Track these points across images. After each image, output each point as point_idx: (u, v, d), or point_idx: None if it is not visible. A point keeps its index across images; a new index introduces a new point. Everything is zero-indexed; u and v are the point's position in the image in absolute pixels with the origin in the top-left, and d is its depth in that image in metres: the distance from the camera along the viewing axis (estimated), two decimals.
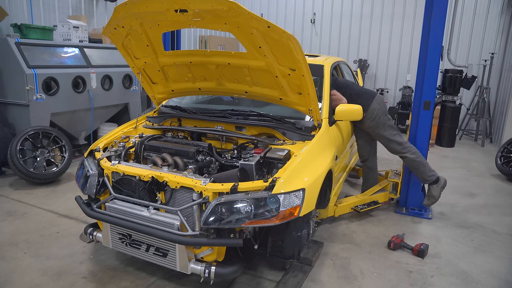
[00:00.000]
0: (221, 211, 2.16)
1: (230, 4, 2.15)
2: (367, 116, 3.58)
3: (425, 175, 3.69)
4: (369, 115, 3.58)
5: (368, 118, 3.60)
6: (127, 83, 6.06)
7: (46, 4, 6.16)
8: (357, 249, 3.26)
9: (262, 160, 2.50)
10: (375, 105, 3.61)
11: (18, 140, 4.37)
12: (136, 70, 3.13)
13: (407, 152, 3.63)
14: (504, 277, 2.93)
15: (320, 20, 9.51)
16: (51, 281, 2.69)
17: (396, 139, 3.64)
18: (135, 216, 2.39)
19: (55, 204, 3.99)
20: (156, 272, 2.80)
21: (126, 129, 3.18)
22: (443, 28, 3.54)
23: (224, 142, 2.99)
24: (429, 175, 3.68)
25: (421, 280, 2.84)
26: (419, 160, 3.65)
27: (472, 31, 8.16)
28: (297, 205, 2.22)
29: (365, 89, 3.87)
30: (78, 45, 5.49)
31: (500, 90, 7.79)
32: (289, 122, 2.87)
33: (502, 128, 6.97)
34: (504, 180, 5.30)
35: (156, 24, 2.63)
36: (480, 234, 3.63)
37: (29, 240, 3.25)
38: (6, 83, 4.78)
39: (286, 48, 2.39)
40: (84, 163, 2.78)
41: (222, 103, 3.79)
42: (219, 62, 2.83)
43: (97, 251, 3.07)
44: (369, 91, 3.79)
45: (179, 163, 2.59)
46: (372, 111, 3.58)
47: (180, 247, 2.27)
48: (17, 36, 4.75)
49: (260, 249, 2.45)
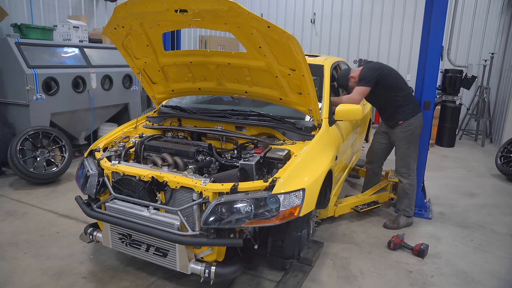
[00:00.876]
0: (221, 211, 2.16)
1: (230, 4, 2.15)
2: (402, 125, 3.51)
3: (406, 207, 3.67)
4: (405, 126, 3.50)
5: (403, 128, 3.51)
6: (127, 83, 6.06)
7: (46, 4, 6.16)
8: (357, 249, 3.26)
9: (262, 160, 2.50)
10: (417, 121, 3.52)
11: (18, 140, 4.37)
12: (136, 70, 3.13)
13: (407, 179, 3.61)
14: (504, 277, 2.93)
15: (320, 20, 9.51)
16: (51, 281, 2.69)
17: (409, 163, 3.59)
18: (135, 216, 2.39)
19: (55, 204, 3.99)
20: (156, 272, 2.80)
21: (126, 129, 3.18)
22: (443, 28, 3.54)
23: (224, 142, 2.99)
24: (409, 209, 3.69)
25: (421, 280, 2.84)
26: (411, 193, 3.65)
27: (472, 31, 8.16)
28: (297, 205, 2.22)
29: (415, 100, 3.65)
30: (78, 45, 5.49)
31: (500, 90, 7.79)
32: (289, 122, 2.87)
33: (502, 128, 6.97)
34: (504, 180, 5.30)
35: (156, 24, 2.63)
36: (480, 234, 3.63)
37: (29, 240, 3.25)
38: (6, 83, 4.78)
39: (286, 48, 2.39)
40: (84, 163, 2.78)
41: (222, 103, 3.79)
42: (219, 62, 2.83)
43: (97, 251, 3.07)
44: (417, 104, 3.64)
45: (179, 163, 2.59)
46: (411, 123, 3.49)
47: (180, 247, 2.27)
48: (17, 36, 4.75)
49: (260, 249, 2.45)
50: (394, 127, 3.59)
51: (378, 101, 3.72)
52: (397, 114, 3.52)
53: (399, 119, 3.52)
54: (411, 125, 3.50)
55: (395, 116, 3.54)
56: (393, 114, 3.56)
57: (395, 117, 3.55)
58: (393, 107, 3.53)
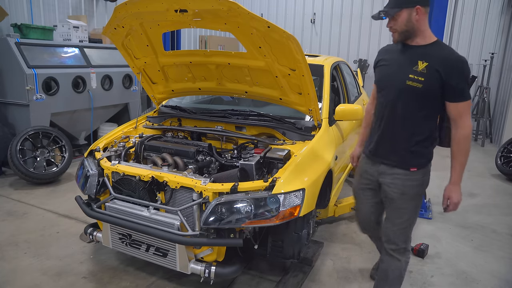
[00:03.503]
0: (221, 211, 2.16)
1: (230, 4, 2.15)
2: (416, 174, 2.10)
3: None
4: (419, 177, 2.11)
5: (415, 177, 2.10)
6: (127, 83, 6.06)
7: (46, 4, 6.16)
8: (357, 249, 3.25)
9: (262, 160, 2.50)
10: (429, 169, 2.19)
11: (18, 140, 4.37)
12: (136, 70, 3.13)
13: (404, 256, 2.23)
14: (504, 277, 2.93)
15: (320, 20, 9.51)
16: (51, 281, 2.69)
17: (409, 233, 2.25)
18: (135, 216, 2.39)
19: (55, 204, 3.99)
20: (156, 272, 2.80)
21: (126, 129, 3.18)
22: (443, 28, 3.54)
23: (224, 142, 2.99)
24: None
25: (421, 280, 2.84)
26: (404, 274, 2.29)
27: (472, 31, 8.16)
28: (297, 205, 2.22)
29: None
30: (78, 45, 5.49)
31: (500, 90, 7.79)
32: (289, 122, 2.87)
33: (502, 128, 6.97)
34: (504, 180, 5.30)
35: (156, 24, 2.63)
36: (480, 234, 3.63)
37: (29, 240, 3.25)
38: (6, 83, 4.78)
39: (286, 48, 2.39)
40: (84, 163, 2.78)
41: (222, 103, 3.79)
42: (219, 62, 2.83)
43: (97, 251, 3.07)
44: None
45: (179, 163, 2.59)
46: (425, 173, 2.14)
47: (180, 247, 2.27)
48: (17, 36, 4.75)
49: (260, 249, 2.45)
50: (398, 174, 2.11)
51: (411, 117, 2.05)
52: (418, 151, 2.07)
53: (415, 163, 2.08)
54: (426, 175, 2.15)
55: (413, 155, 2.08)
56: (411, 149, 2.07)
57: (410, 156, 2.08)
58: (421, 137, 2.05)
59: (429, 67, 1.93)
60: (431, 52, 1.96)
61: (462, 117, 1.97)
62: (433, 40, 2.00)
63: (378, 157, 2.19)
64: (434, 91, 1.95)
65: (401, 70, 2.02)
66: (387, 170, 2.15)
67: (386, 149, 2.15)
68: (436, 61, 1.92)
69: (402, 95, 2.01)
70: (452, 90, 1.93)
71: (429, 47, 1.98)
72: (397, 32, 2.02)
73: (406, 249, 2.24)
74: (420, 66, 1.96)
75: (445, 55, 1.93)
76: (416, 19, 1.93)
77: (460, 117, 1.97)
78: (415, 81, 1.96)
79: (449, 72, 1.90)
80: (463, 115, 1.97)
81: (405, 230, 2.20)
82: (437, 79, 1.92)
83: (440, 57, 1.93)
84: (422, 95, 1.97)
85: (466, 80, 1.93)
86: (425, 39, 1.99)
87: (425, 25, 1.98)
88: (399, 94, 2.02)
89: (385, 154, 2.15)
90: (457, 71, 1.90)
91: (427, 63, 1.94)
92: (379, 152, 2.19)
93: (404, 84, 1.99)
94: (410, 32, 1.98)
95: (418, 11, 1.92)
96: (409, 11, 1.93)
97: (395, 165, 2.11)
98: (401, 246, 2.21)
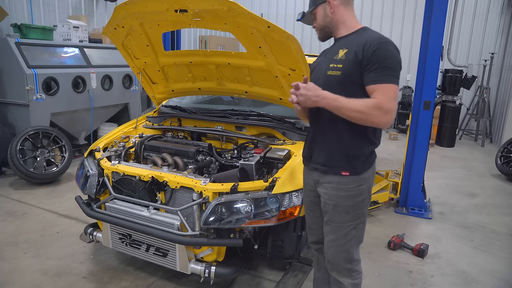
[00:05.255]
0: (221, 211, 2.16)
1: (230, 4, 2.15)
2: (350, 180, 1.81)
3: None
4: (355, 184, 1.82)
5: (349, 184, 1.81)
6: (127, 83, 6.06)
7: (46, 4, 6.16)
8: None
9: (262, 160, 2.50)
10: (372, 174, 1.92)
11: (18, 140, 4.37)
12: (136, 70, 3.13)
13: (350, 278, 1.94)
14: (504, 277, 2.93)
15: None
16: (51, 281, 2.69)
17: (353, 252, 1.91)
18: (135, 216, 2.39)
19: (55, 204, 3.99)
20: (156, 272, 2.80)
21: (126, 129, 3.19)
22: (443, 28, 3.54)
23: (224, 142, 2.99)
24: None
25: (421, 280, 2.84)
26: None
27: (472, 31, 8.16)
28: (297, 205, 2.22)
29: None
30: (78, 45, 5.49)
31: (500, 90, 7.79)
32: (289, 122, 2.87)
33: (502, 128, 6.97)
34: (504, 180, 5.30)
35: (156, 24, 2.63)
36: (480, 234, 3.63)
37: (29, 240, 3.25)
38: (6, 83, 4.78)
39: (286, 48, 2.38)
40: (84, 163, 2.78)
41: (222, 103, 3.79)
42: (219, 62, 2.83)
43: (97, 251, 3.07)
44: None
45: (179, 163, 2.59)
46: (364, 180, 1.84)
47: (180, 247, 2.27)
48: (17, 36, 4.75)
49: (260, 249, 2.45)
50: (330, 182, 1.84)
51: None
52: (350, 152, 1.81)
53: (347, 165, 1.81)
54: (363, 183, 1.84)
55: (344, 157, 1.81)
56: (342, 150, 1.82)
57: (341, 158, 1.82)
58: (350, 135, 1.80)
59: (348, 53, 1.77)
60: (352, 39, 1.81)
61: (384, 100, 1.64)
62: (357, 28, 1.86)
63: (311, 163, 1.93)
64: (354, 77, 1.73)
65: (324, 63, 1.90)
66: (320, 178, 1.88)
67: (316, 152, 1.90)
68: (355, 45, 1.76)
69: (324, 88, 1.70)
70: (372, 71, 1.69)
71: (351, 35, 1.84)
72: (318, 29, 1.94)
73: (352, 269, 1.92)
74: (340, 54, 1.80)
75: (366, 38, 1.75)
76: (332, 12, 1.84)
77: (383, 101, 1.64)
78: (334, 69, 1.79)
79: (367, 52, 1.70)
80: (384, 98, 1.65)
81: (343, 247, 1.87)
82: (354, 62, 1.73)
83: (360, 40, 1.75)
84: (342, 83, 1.75)
85: (388, 61, 1.70)
86: (349, 28, 1.86)
87: (345, 16, 1.86)
88: (322, 87, 1.70)
89: (316, 158, 1.90)
90: (378, 51, 1.69)
91: (347, 49, 1.78)
92: (311, 156, 1.94)
93: (325, 76, 1.83)
94: (329, 26, 1.89)
95: (331, 4, 1.83)
96: (323, 6, 1.86)
97: (327, 171, 1.84)
98: (343, 266, 1.91)
